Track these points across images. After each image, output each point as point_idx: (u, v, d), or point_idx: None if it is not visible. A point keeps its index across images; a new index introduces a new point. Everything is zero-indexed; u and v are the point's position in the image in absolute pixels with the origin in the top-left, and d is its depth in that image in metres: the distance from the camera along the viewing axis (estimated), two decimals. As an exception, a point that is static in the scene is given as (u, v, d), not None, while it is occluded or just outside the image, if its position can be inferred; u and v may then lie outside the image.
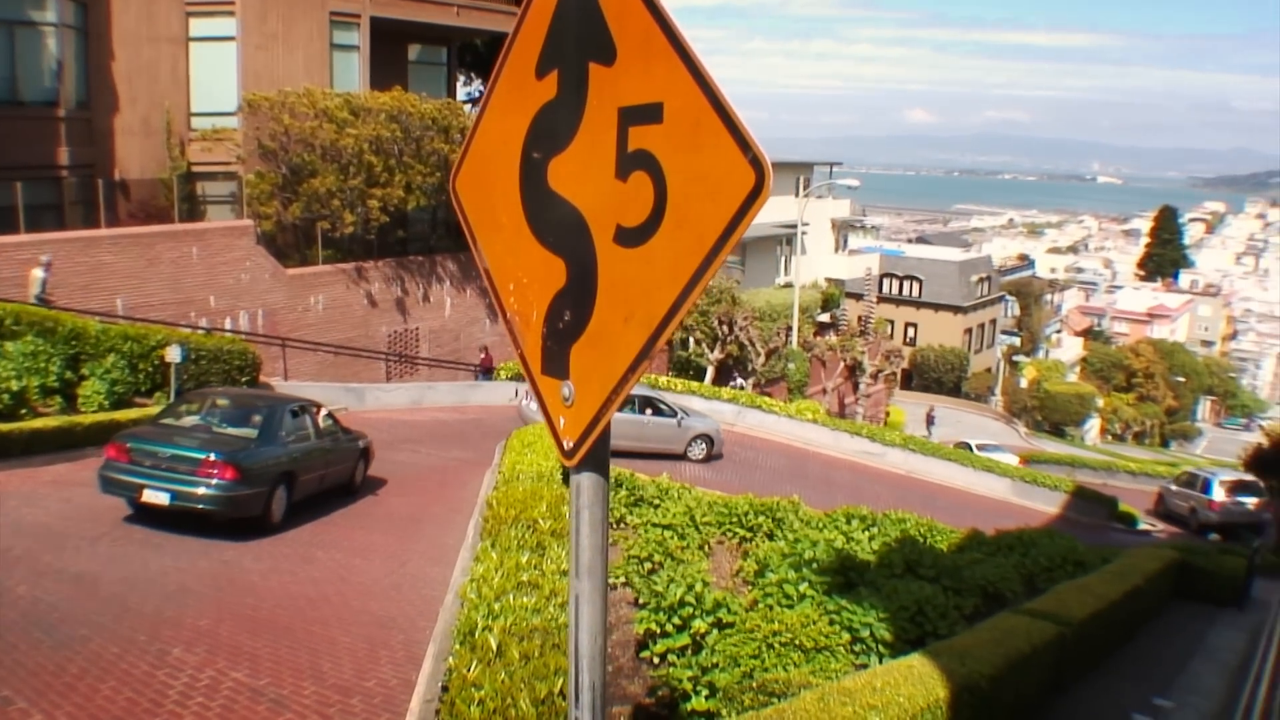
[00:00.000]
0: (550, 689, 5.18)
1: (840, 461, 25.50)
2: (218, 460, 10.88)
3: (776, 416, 27.45)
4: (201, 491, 10.79)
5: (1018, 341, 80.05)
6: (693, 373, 34.41)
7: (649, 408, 20.50)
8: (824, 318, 46.35)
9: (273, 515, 11.75)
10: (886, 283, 63.08)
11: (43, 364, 15.27)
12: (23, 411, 14.58)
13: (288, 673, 7.29)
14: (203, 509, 10.86)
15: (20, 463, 13.14)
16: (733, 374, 36.14)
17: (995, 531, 15.09)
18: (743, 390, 31.20)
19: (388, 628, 8.69)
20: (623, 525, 12.35)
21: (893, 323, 62.76)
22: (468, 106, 29.38)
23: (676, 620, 9.13)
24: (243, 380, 19.17)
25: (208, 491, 10.80)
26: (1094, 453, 49.68)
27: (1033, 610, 9.46)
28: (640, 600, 9.79)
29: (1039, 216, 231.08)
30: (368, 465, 14.87)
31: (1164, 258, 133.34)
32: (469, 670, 5.47)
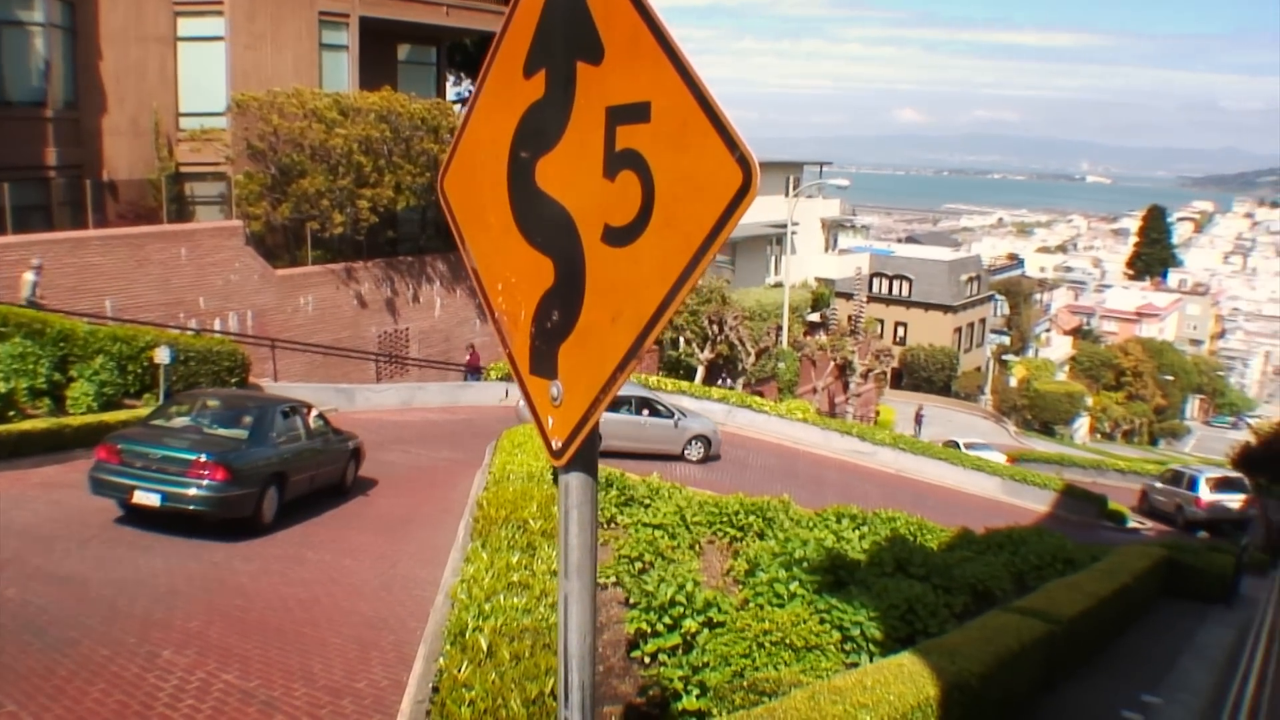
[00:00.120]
0: (541, 689, 5.18)
1: (830, 460, 25.54)
2: (209, 461, 10.87)
3: (767, 416, 27.51)
4: (192, 493, 10.78)
5: (1007, 340, 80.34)
6: (683, 372, 34.43)
7: (646, 409, 20.49)
8: (814, 317, 46.44)
9: (263, 516, 11.72)
10: (876, 282, 63.29)
11: (31, 366, 15.20)
12: (11, 413, 14.52)
13: (278, 674, 7.28)
14: (194, 510, 10.85)
15: (8, 465, 13.07)
16: (722, 374, 36.17)
17: (985, 530, 15.10)
18: (733, 390, 31.24)
19: (378, 629, 8.67)
20: (613, 525, 12.34)
21: (882, 322, 62.91)
22: (457, 106, 29.34)
23: (667, 620, 9.13)
24: (232, 381, 19.11)
25: (199, 492, 10.79)
26: (1083, 451, 49.86)
27: (1022, 608, 9.49)
28: (631, 600, 9.79)
29: (1028, 216, 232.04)
30: (358, 466, 14.84)
31: (1152, 257, 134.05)
32: (460, 671, 5.47)
